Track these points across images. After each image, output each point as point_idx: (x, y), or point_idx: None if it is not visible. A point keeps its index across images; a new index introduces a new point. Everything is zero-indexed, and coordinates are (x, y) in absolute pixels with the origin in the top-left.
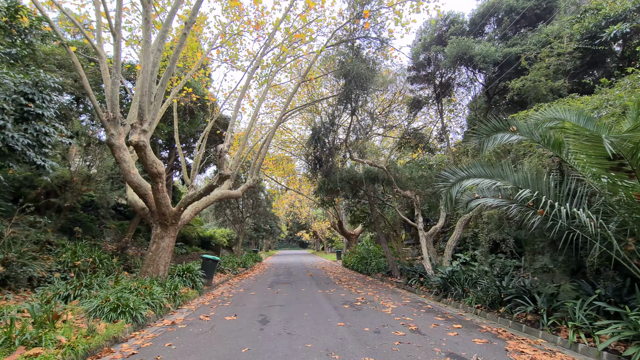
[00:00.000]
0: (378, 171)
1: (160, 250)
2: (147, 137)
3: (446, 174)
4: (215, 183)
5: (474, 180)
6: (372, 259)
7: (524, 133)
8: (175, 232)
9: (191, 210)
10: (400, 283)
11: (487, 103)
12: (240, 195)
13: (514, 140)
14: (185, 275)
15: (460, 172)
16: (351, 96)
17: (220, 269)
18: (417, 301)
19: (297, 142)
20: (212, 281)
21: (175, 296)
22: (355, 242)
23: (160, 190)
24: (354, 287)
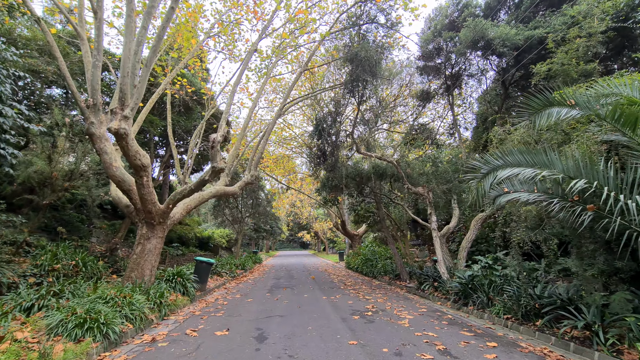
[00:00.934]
0: (386, 166)
1: (146, 253)
2: (129, 124)
3: (477, 164)
4: (208, 177)
5: (511, 170)
6: (377, 261)
7: (584, 107)
8: (164, 232)
9: (182, 208)
10: (411, 287)
11: (503, 94)
12: (237, 192)
13: (572, 116)
14: (175, 280)
15: (494, 160)
16: (358, 83)
17: (217, 271)
18: (434, 310)
19: (298, 139)
20: (206, 286)
21: (161, 305)
22: (358, 243)
23: (146, 185)
24: (361, 292)
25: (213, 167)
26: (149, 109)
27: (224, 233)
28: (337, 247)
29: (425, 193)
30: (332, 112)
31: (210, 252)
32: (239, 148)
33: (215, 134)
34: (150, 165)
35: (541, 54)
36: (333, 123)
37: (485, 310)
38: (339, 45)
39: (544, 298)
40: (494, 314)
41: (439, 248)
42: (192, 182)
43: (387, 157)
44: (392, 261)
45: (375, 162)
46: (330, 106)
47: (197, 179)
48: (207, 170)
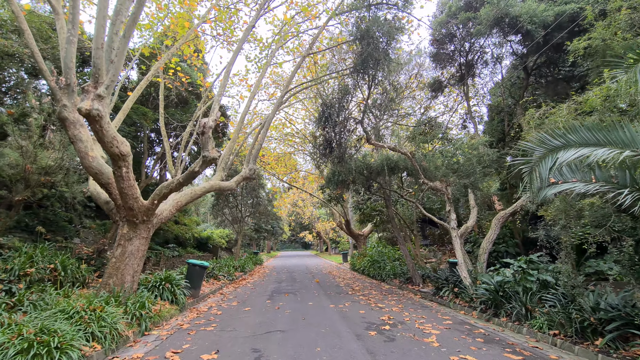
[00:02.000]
0: (398, 159)
1: (127, 256)
2: (104, 105)
3: (528, 145)
4: (198, 168)
5: (576, 150)
6: (386, 263)
7: None
8: (148, 232)
9: (172, 205)
10: (426, 293)
11: (524, 81)
12: (233, 188)
13: None
14: (162, 287)
15: (552, 140)
16: (369, 62)
17: (214, 274)
18: (460, 322)
19: (300, 135)
20: (199, 291)
21: (142, 318)
22: (364, 244)
23: (125, 178)
24: (372, 298)
25: (204, 157)
26: (137, 96)
27: (223, 233)
28: (340, 247)
29: (443, 188)
30: (339, 98)
31: (209, 253)
32: (236, 141)
33: (206, 118)
34: (130, 154)
35: (574, 31)
36: (340, 109)
37: (523, 323)
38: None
39: (600, 310)
40: (536, 329)
41: (459, 249)
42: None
43: (400, 148)
44: (401, 263)
45: (386, 155)
46: (336, 92)
47: (186, 171)
48: (197, 161)
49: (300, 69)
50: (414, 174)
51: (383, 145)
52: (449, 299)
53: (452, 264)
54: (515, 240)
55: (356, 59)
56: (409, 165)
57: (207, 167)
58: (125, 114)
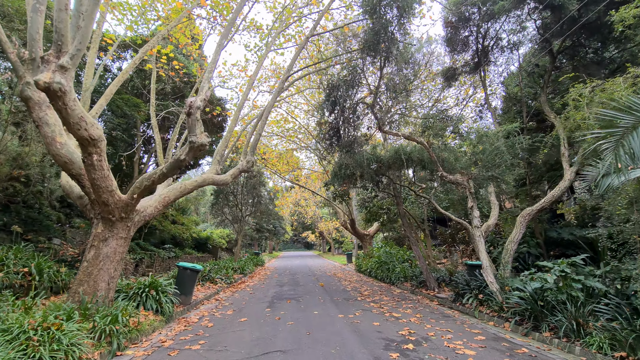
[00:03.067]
0: (412, 150)
1: (102, 259)
2: (69, 78)
3: (609, 114)
4: (184, 156)
5: None
6: (395, 265)
7: None
8: (128, 232)
9: (158, 200)
10: (444, 299)
11: (550, 64)
12: (229, 181)
13: None
14: (146, 294)
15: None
16: (381, 38)
17: (210, 277)
18: (494, 336)
19: (302, 130)
20: (191, 298)
21: (114, 334)
22: (369, 244)
23: (98, 167)
24: (385, 306)
25: (191, 143)
26: (122, 80)
27: (223, 233)
28: (343, 247)
29: (464, 181)
30: (348, 80)
31: (209, 254)
32: (233, 131)
33: (194, 98)
34: (102, 138)
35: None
36: (349, 91)
37: (574, 340)
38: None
39: None
40: (594, 349)
41: (483, 251)
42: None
43: (416, 137)
44: (412, 265)
45: (397, 147)
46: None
47: (171, 159)
48: (183, 147)
49: (303, 59)
50: (429, 166)
51: (397, 133)
52: (473, 307)
53: (471, 266)
54: (537, 240)
55: (367, 36)
56: (424, 157)
57: (195, 154)
58: (108, 99)
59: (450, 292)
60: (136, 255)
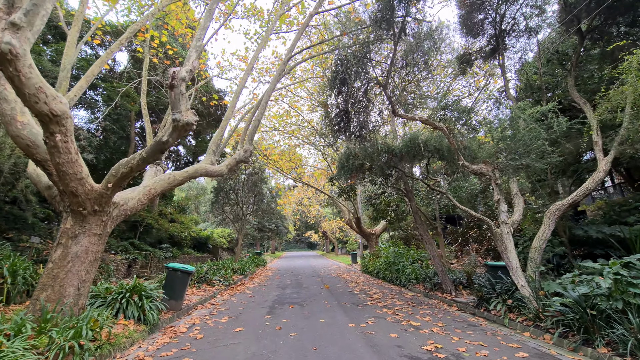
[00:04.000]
0: (428, 137)
1: (71, 260)
2: (24, 39)
3: None
4: (167, 137)
5: None
6: (404, 265)
7: None
8: (104, 228)
9: (142, 192)
10: (464, 304)
11: (578, 46)
12: (224, 173)
13: None
14: (128, 300)
15: None
16: (396, 6)
17: (207, 279)
18: (536, 352)
19: (304, 124)
20: (182, 303)
21: (75, 353)
22: (376, 243)
23: (63, 150)
24: (400, 312)
25: (174, 122)
26: (105, 61)
27: (224, 233)
28: (348, 247)
29: (489, 171)
30: (359, 56)
31: (209, 254)
32: (230, 119)
33: (179, 68)
34: (68, 115)
35: None
36: (359, 68)
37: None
38: None
39: None
40: None
41: (512, 250)
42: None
43: (435, 121)
44: (422, 265)
45: (411, 135)
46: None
47: (152, 142)
48: (165, 127)
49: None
50: (447, 156)
51: (413, 117)
52: (502, 315)
53: (492, 267)
54: (561, 239)
55: (381, 4)
56: (443, 146)
57: (180, 135)
58: (90, 80)
59: (469, 295)
60: (129, 255)
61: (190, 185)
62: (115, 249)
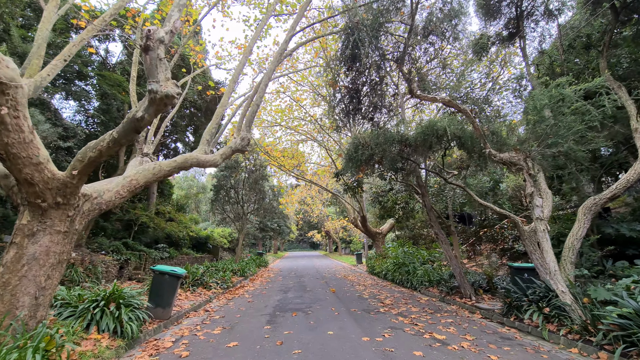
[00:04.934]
0: (448, 124)
1: (26, 263)
2: None
3: None
4: (141, 112)
5: None
6: (416, 267)
7: None
8: (71, 225)
9: (121, 184)
10: (488, 311)
11: (613, 22)
12: (218, 163)
13: None
14: (103, 309)
15: None
16: None
17: (203, 281)
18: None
19: (307, 118)
20: (170, 311)
21: None
22: (382, 243)
23: (12, 127)
24: (418, 321)
25: (151, 93)
26: (85, 39)
27: (225, 232)
28: (352, 247)
29: (520, 160)
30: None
31: (209, 254)
32: (226, 106)
33: (155, 27)
34: (19, 84)
35: None
36: (372, 39)
37: None
38: None
39: None
40: None
41: (549, 250)
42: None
43: (457, 102)
44: (435, 266)
45: (428, 122)
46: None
47: (125, 118)
48: (141, 102)
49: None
50: (468, 145)
51: (434, 97)
52: (540, 326)
53: (518, 269)
54: (592, 238)
55: None
56: (464, 133)
57: (158, 110)
58: (66, 60)
59: (491, 300)
60: (120, 256)
61: (190, 184)
62: (107, 249)
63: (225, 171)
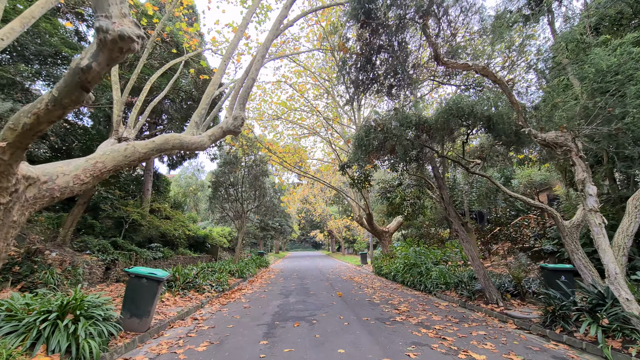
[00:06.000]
0: (474, 103)
1: None
2: None
3: None
4: (87, 60)
5: None
6: (429, 267)
7: None
8: (5, 216)
9: (82, 167)
10: (524, 321)
11: None
12: (205, 145)
13: None
14: (56, 322)
15: None
16: None
17: (195, 284)
18: None
19: (309, 111)
20: (148, 321)
21: None
22: (389, 242)
23: None
24: (444, 333)
25: (100, 32)
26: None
27: (225, 231)
28: (355, 247)
29: (567, 141)
30: None
31: (208, 254)
32: (217, 85)
33: None
34: None
35: None
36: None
37: None
38: None
39: None
40: None
41: (607, 249)
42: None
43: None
44: (450, 268)
45: (453, 98)
46: None
47: (66, 72)
48: (89, 47)
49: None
50: (499, 126)
51: (466, 64)
52: (600, 342)
53: (554, 271)
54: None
55: None
56: (495, 111)
57: (111, 58)
58: (27, 24)
59: (522, 306)
60: (107, 256)
61: (188, 181)
62: (93, 249)
63: (224, 167)
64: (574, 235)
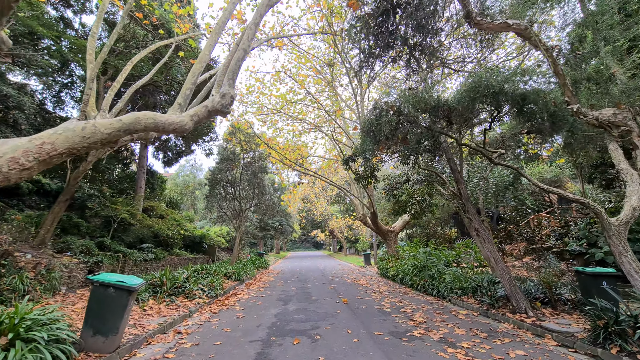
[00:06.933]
0: (503, 79)
1: None
2: None
3: None
4: None
5: None
6: (442, 270)
7: None
8: None
9: (24, 148)
10: (564, 335)
11: None
12: (185, 126)
13: None
14: None
15: None
16: None
17: (185, 289)
18: None
19: (310, 104)
20: (117, 339)
21: None
22: (395, 242)
23: None
24: (474, 352)
25: None
26: None
27: (223, 231)
28: (358, 247)
29: (626, 120)
30: None
31: (205, 255)
32: (205, 63)
33: None
34: None
35: None
36: None
37: None
38: None
39: None
40: None
41: None
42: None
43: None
44: (463, 270)
45: (478, 74)
46: None
47: None
48: None
49: None
50: (534, 106)
51: (506, 23)
52: None
53: (593, 276)
54: None
55: None
56: (531, 88)
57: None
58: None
59: (554, 316)
60: (90, 257)
61: (186, 180)
62: (75, 250)
63: (222, 164)
64: (621, 234)
